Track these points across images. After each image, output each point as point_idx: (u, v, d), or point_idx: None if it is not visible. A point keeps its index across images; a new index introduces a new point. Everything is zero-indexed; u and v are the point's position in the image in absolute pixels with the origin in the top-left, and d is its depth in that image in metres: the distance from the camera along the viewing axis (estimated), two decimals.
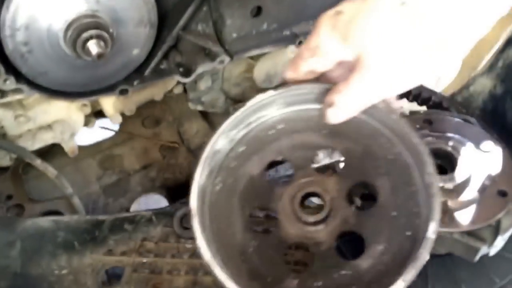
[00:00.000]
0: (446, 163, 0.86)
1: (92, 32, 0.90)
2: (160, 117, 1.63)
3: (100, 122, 1.62)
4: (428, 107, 1.09)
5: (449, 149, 0.85)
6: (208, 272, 0.69)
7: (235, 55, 1.20)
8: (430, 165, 0.68)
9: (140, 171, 1.53)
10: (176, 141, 1.58)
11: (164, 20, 1.07)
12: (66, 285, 0.97)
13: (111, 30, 0.93)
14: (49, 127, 1.06)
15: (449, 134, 0.89)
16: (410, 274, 0.64)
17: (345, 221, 0.77)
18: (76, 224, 0.98)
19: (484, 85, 1.15)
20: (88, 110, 1.09)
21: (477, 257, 0.80)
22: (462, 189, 0.81)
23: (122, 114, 1.62)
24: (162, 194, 1.49)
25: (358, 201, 0.80)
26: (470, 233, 0.78)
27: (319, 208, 0.77)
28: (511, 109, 1.09)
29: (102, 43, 0.91)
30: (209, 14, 1.16)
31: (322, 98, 0.74)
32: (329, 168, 0.80)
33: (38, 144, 1.07)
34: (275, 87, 0.84)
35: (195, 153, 1.51)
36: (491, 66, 1.14)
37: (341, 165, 0.81)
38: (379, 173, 0.77)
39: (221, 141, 0.79)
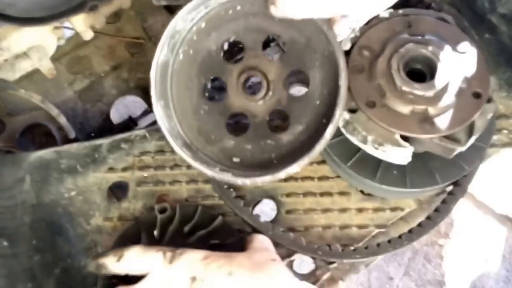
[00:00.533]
0: (426, 68, 0.91)
1: None
2: (119, 10, 1.56)
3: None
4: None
5: (429, 54, 0.89)
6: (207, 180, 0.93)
7: None
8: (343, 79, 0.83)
9: (111, 72, 1.51)
10: (141, 36, 1.54)
11: None
12: (78, 205, 1.05)
13: None
14: (25, 55, 1.02)
15: (428, 37, 0.93)
16: (304, 161, 0.83)
17: (279, 101, 0.94)
18: (76, 151, 1.02)
19: None
20: (60, 32, 1.05)
21: (452, 156, 0.90)
22: (441, 95, 0.87)
23: None
24: (138, 95, 1.50)
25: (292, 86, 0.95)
26: (447, 137, 0.87)
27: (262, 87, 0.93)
28: None
29: None
30: None
31: None
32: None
33: (18, 74, 1.04)
34: None
35: None
36: None
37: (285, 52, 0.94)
38: (314, 65, 0.91)
39: (180, 23, 0.90)
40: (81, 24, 1.09)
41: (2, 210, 0.88)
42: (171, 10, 1.53)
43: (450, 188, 1.02)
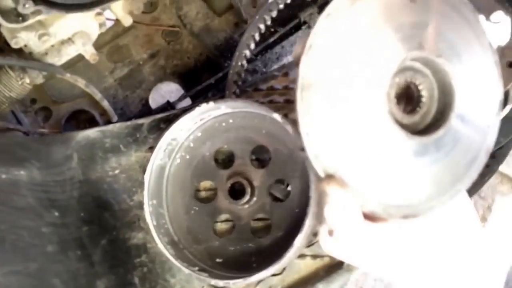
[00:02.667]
0: None
1: None
2: (155, 0, 1.61)
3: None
4: None
5: None
6: None
7: None
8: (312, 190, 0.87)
9: (148, 60, 1.56)
10: (177, 24, 1.58)
11: None
12: (122, 182, 1.10)
13: None
14: (70, 40, 1.08)
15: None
16: (274, 268, 0.89)
17: (262, 206, 1.01)
18: (118, 130, 1.08)
19: None
20: (102, 18, 1.10)
21: None
22: None
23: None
24: (174, 81, 1.55)
25: (275, 194, 1.02)
26: None
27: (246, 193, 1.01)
28: None
29: None
30: None
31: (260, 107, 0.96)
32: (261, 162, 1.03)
33: (64, 58, 1.10)
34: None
35: (199, 36, 1.54)
36: None
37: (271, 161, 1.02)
38: (295, 176, 0.99)
39: (177, 132, 1.00)
40: (120, 10, 1.14)
41: (53, 184, 0.94)
42: None
43: None
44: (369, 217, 0.57)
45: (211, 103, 0.95)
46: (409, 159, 0.56)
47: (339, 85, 0.53)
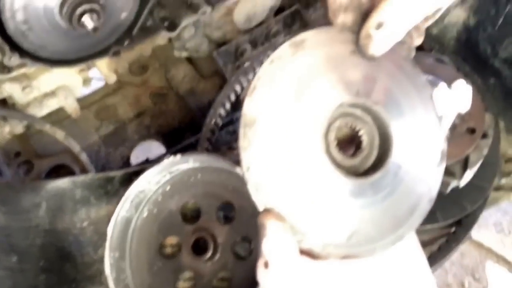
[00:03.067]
0: None
1: (86, 6, 0.95)
2: (146, 63, 1.68)
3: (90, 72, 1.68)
4: None
5: None
6: None
7: (216, 4, 1.26)
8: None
9: (134, 119, 1.61)
10: (165, 86, 1.64)
11: None
12: (89, 235, 1.09)
13: (101, 1, 0.98)
14: (53, 93, 1.13)
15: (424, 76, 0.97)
16: None
17: (225, 264, 1.00)
18: (90, 181, 1.09)
19: (458, 17, 1.21)
20: (85, 73, 1.15)
21: (448, 190, 0.91)
22: None
23: (108, 64, 1.68)
24: (158, 140, 1.58)
25: (238, 252, 1.02)
26: None
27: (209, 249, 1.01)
28: (483, 40, 1.16)
29: (95, 17, 0.96)
30: None
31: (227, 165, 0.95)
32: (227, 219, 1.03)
33: (45, 110, 1.14)
34: None
35: (184, 98, 1.59)
36: None
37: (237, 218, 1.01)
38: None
39: (144, 184, 1.01)
40: (105, 68, 1.19)
41: (17, 229, 0.94)
42: (193, 61, 1.64)
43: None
44: (307, 254, 0.58)
45: (178, 156, 0.97)
46: (346, 200, 0.58)
47: (279, 124, 0.57)
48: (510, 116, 1.16)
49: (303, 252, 0.58)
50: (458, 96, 0.95)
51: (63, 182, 1.06)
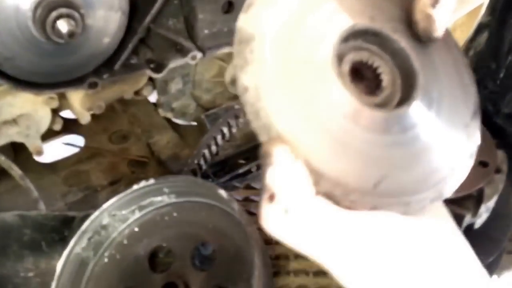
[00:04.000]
0: None
1: (63, 10, 0.86)
2: (127, 132, 1.58)
3: (64, 138, 1.56)
4: None
5: None
6: None
7: (207, 51, 1.19)
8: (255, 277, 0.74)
9: (107, 187, 1.45)
10: (146, 155, 1.52)
11: (135, 11, 1.05)
12: (33, 287, 0.88)
13: (82, 11, 0.89)
14: (14, 121, 0.99)
15: None
16: None
17: None
18: (43, 220, 0.90)
19: None
20: (55, 103, 1.03)
21: (463, 226, 0.79)
22: None
23: (89, 130, 1.57)
24: None
25: None
26: (454, 201, 0.79)
27: None
28: (484, 98, 1.10)
29: (72, 22, 0.87)
30: (180, 9, 1.15)
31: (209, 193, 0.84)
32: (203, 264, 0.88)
33: (3, 140, 0.99)
34: None
35: (166, 165, 1.45)
36: None
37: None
38: (242, 278, 0.83)
39: (106, 218, 0.87)
40: (78, 104, 1.07)
41: None
42: (178, 129, 1.54)
43: None
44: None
45: (151, 181, 0.81)
46: (369, 135, 0.46)
47: (282, 42, 0.47)
48: None
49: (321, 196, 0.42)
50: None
51: (9, 216, 0.87)
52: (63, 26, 0.86)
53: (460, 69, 0.54)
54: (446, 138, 0.50)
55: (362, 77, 0.51)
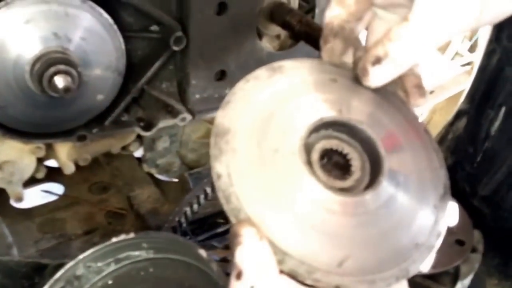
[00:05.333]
0: None
1: (61, 67, 0.89)
2: (108, 184, 1.58)
3: (43, 186, 1.56)
4: None
5: None
6: None
7: (197, 114, 1.22)
8: None
9: (82, 236, 1.43)
10: (124, 207, 1.51)
11: (131, 72, 1.09)
12: None
13: (79, 69, 0.93)
14: None
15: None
16: None
17: None
18: (15, 266, 0.89)
19: None
20: (41, 153, 1.04)
21: None
22: None
23: (69, 179, 1.57)
24: None
25: None
26: (430, 277, 0.81)
27: None
28: (462, 179, 1.14)
29: (69, 79, 0.90)
30: (174, 74, 1.19)
31: (188, 252, 0.83)
32: None
33: None
34: None
35: (144, 219, 1.45)
36: (442, 139, 1.21)
37: None
38: None
39: (81, 269, 0.84)
40: (64, 155, 1.09)
41: None
42: (160, 185, 1.55)
43: None
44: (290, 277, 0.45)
45: (131, 235, 0.82)
46: (335, 217, 0.49)
47: (254, 136, 0.52)
48: (491, 258, 1.08)
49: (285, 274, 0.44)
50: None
51: None
52: (59, 81, 0.89)
53: (429, 154, 0.58)
54: (412, 219, 0.53)
55: (334, 163, 0.55)
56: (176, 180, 1.55)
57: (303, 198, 0.49)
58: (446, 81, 1.58)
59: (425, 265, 0.82)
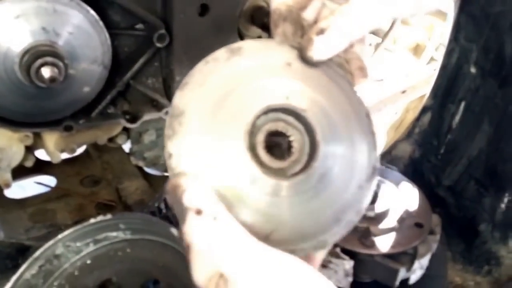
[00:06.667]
0: None
1: (48, 59, 0.95)
2: (99, 178, 1.64)
3: (37, 178, 1.62)
4: None
5: None
6: None
7: None
8: None
9: (72, 226, 1.49)
10: (114, 199, 1.57)
11: (117, 67, 1.15)
12: None
13: (66, 61, 0.99)
14: None
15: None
16: None
17: None
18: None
19: (404, 151, 1.27)
20: (29, 141, 1.10)
21: (397, 281, 0.85)
22: (382, 218, 0.89)
23: (62, 172, 1.64)
24: None
25: None
26: (389, 256, 0.85)
27: None
28: (427, 170, 1.20)
29: (56, 70, 0.96)
30: (159, 70, 1.25)
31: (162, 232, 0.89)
32: None
33: None
34: None
35: (131, 209, 1.51)
36: (409, 133, 1.27)
37: None
38: None
39: (60, 248, 0.91)
40: (52, 144, 1.15)
41: None
42: (148, 178, 1.61)
43: None
44: None
45: (109, 216, 0.88)
46: (266, 198, 0.55)
47: (205, 119, 0.56)
48: (455, 245, 1.14)
49: None
50: (404, 195, 0.97)
51: None
52: (46, 72, 0.95)
53: (365, 137, 0.62)
54: (338, 198, 0.58)
55: (277, 144, 0.60)
56: (164, 173, 1.60)
57: (243, 180, 0.55)
58: (417, 82, 1.65)
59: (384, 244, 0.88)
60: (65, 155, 1.25)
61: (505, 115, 1.10)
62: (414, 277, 0.88)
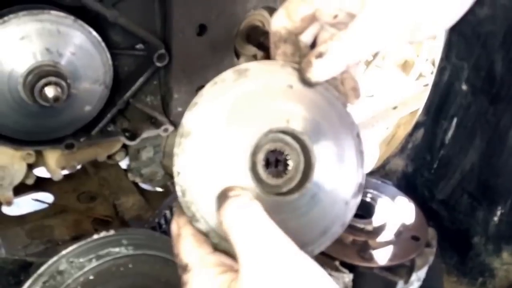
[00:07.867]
0: (365, 212, 0.97)
1: (51, 78, 0.98)
2: (96, 193, 1.66)
3: (34, 195, 1.63)
4: None
5: (368, 199, 0.97)
6: None
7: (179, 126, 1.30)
8: None
9: (69, 242, 1.49)
10: (110, 215, 1.59)
11: (117, 86, 1.17)
12: None
13: (68, 81, 1.01)
14: None
15: (369, 190, 1.01)
16: None
17: None
18: (2, 264, 0.96)
19: (397, 165, 1.30)
20: (31, 159, 1.12)
21: None
22: (379, 231, 0.92)
23: (59, 188, 1.64)
24: None
25: None
26: (388, 269, 0.87)
27: None
28: (421, 185, 1.23)
29: (59, 89, 0.98)
30: (158, 88, 1.28)
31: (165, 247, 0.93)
32: None
33: None
34: None
35: (128, 224, 1.52)
36: (402, 148, 1.31)
37: None
38: None
39: (64, 264, 0.93)
40: (53, 162, 1.16)
41: None
42: (144, 194, 1.63)
43: None
44: None
45: (112, 231, 0.89)
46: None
47: (211, 139, 0.60)
48: (449, 257, 1.17)
49: None
50: (400, 209, 1.00)
51: None
52: (50, 91, 0.97)
53: (354, 156, 0.67)
54: (327, 214, 0.63)
55: (275, 162, 0.64)
56: (160, 189, 1.62)
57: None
58: (408, 98, 1.70)
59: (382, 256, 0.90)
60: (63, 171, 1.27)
61: (497, 131, 1.14)
62: (410, 287, 0.91)
